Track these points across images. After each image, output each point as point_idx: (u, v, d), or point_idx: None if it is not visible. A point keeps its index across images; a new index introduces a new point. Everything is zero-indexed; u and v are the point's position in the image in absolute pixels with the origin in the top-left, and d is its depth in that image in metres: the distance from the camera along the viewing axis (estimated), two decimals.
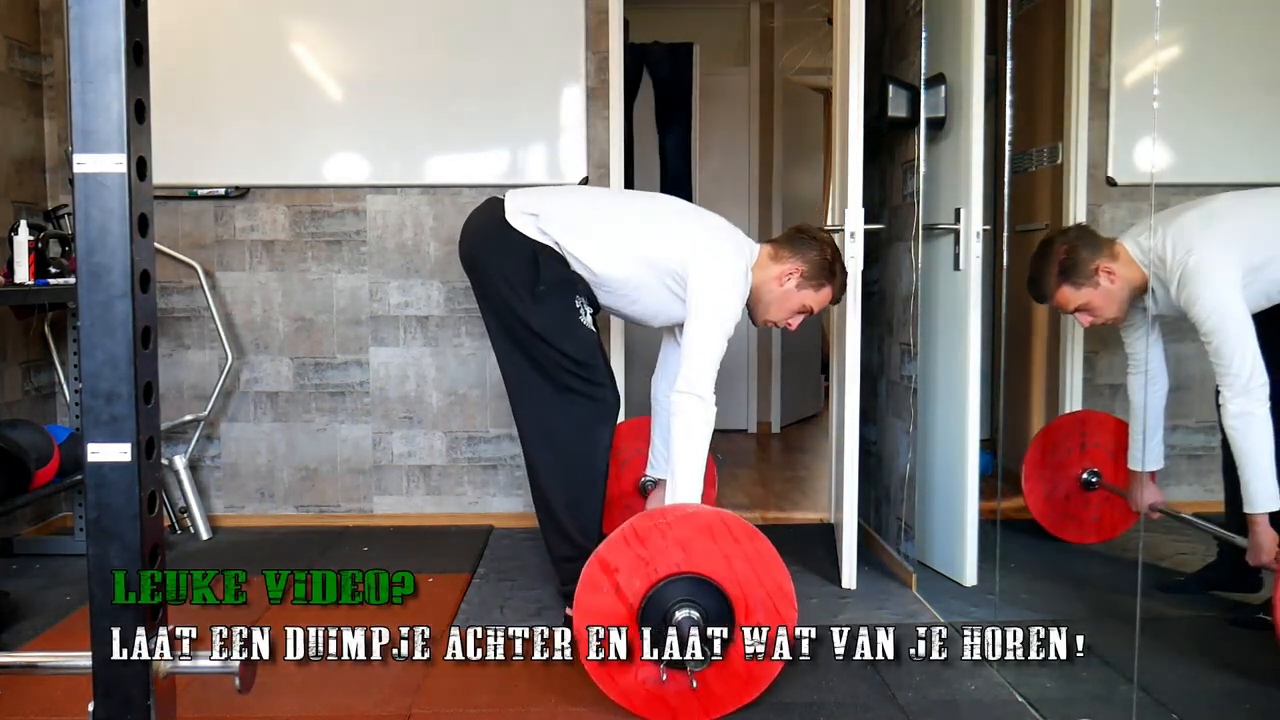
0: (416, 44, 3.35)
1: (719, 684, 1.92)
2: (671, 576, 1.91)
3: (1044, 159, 3.67)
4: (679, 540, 1.92)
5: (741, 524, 1.95)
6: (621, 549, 1.92)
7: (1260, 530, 2.27)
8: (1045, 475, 3.12)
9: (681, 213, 2.49)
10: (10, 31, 3.22)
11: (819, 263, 2.41)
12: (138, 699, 1.09)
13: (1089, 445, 3.08)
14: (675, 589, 1.91)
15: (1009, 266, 2.79)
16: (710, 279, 2.29)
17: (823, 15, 5.07)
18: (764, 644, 1.65)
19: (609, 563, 1.92)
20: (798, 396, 5.77)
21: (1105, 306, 2.48)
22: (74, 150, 1.06)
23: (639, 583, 1.92)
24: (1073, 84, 3.42)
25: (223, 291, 3.42)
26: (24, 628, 2.42)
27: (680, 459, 2.19)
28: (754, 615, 1.92)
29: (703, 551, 1.92)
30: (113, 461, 1.06)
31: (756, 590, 1.92)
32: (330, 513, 3.48)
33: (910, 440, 2.85)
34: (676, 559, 1.92)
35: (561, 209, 2.40)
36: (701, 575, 1.91)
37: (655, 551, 1.91)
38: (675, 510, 1.96)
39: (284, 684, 2.03)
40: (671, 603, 1.90)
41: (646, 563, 1.91)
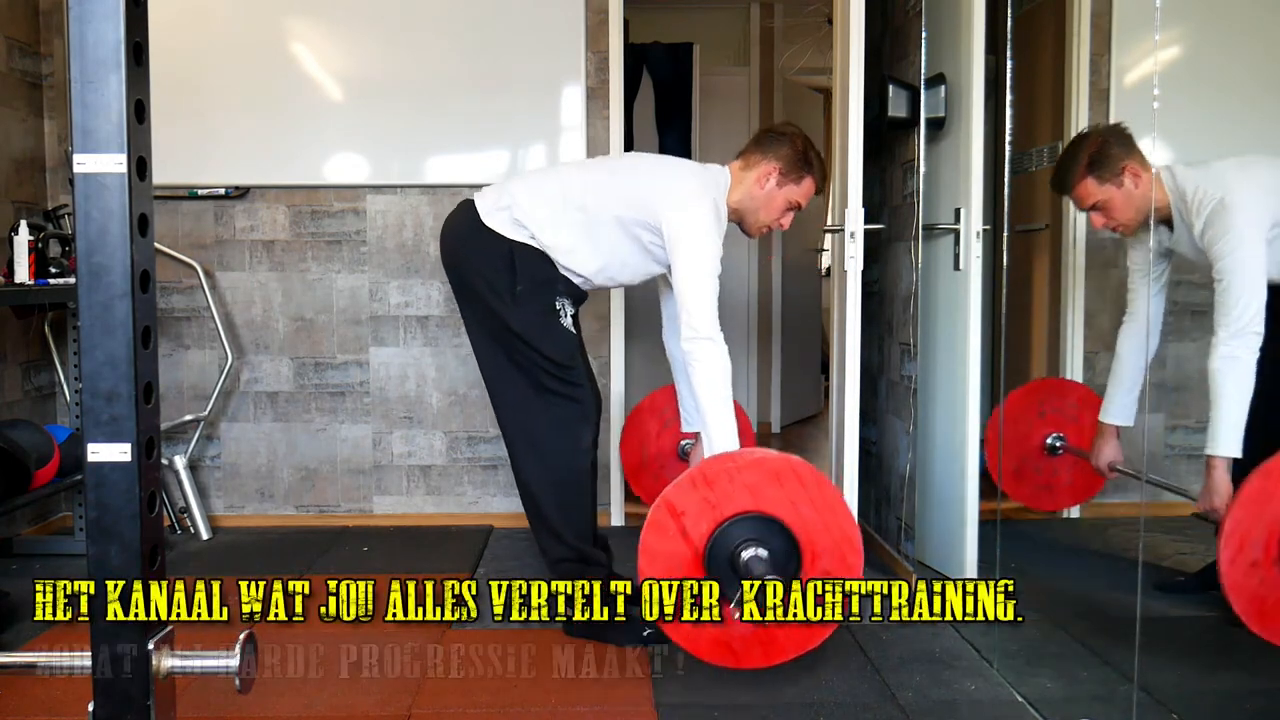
0: (416, 44, 3.35)
1: (781, 629, 1.89)
2: (738, 516, 1.88)
3: (1044, 159, 3.67)
4: (747, 485, 1.89)
5: (811, 470, 1.93)
6: (689, 492, 1.90)
7: (1217, 475, 2.25)
8: (1009, 451, 3.09)
9: (645, 168, 2.46)
10: (10, 31, 3.22)
11: (792, 156, 2.39)
12: (138, 699, 1.09)
13: (1048, 412, 3.05)
14: (742, 528, 1.89)
15: (1009, 266, 2.79)
16: (681, 224, 2.27)
17: (823, 15, 5.08)
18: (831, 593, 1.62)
19: (676, 506, 1.89)
20: (798, 396, 5.77)
21: (1122, 209, 2.42)
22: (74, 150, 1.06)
23: (705, 525, 1.89)
24: (1073, 84, 3.42)
25: (223, 291, 3.42)
26: (24, 628, 2.42)
27: (708, 407, 2.18)
28: (820, 561, 1.89)
29: (770, 496, 1.90)
30: (113, 461, 1.06)
31: (823, 536, 1.90)
32: (330, 513, 3.48)
33: (910, 440, 2.85)
34: (744, 502, 1.89)
35: (530, 199, 2.36)
36: (768, 514, 1.89)
37: (722, 495, 1.89)
38: (745, 455, 1.95)
39: (284, 684, 2.03)
40: (738, 542, 1.88)
41: (714, 506, 1.89)
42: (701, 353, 2.19)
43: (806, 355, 5.88)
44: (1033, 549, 3.10)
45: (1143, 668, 1.97)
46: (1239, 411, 2.22)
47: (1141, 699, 1.96)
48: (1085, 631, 2.39)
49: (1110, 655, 2.23)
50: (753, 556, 1.86)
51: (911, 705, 2.00)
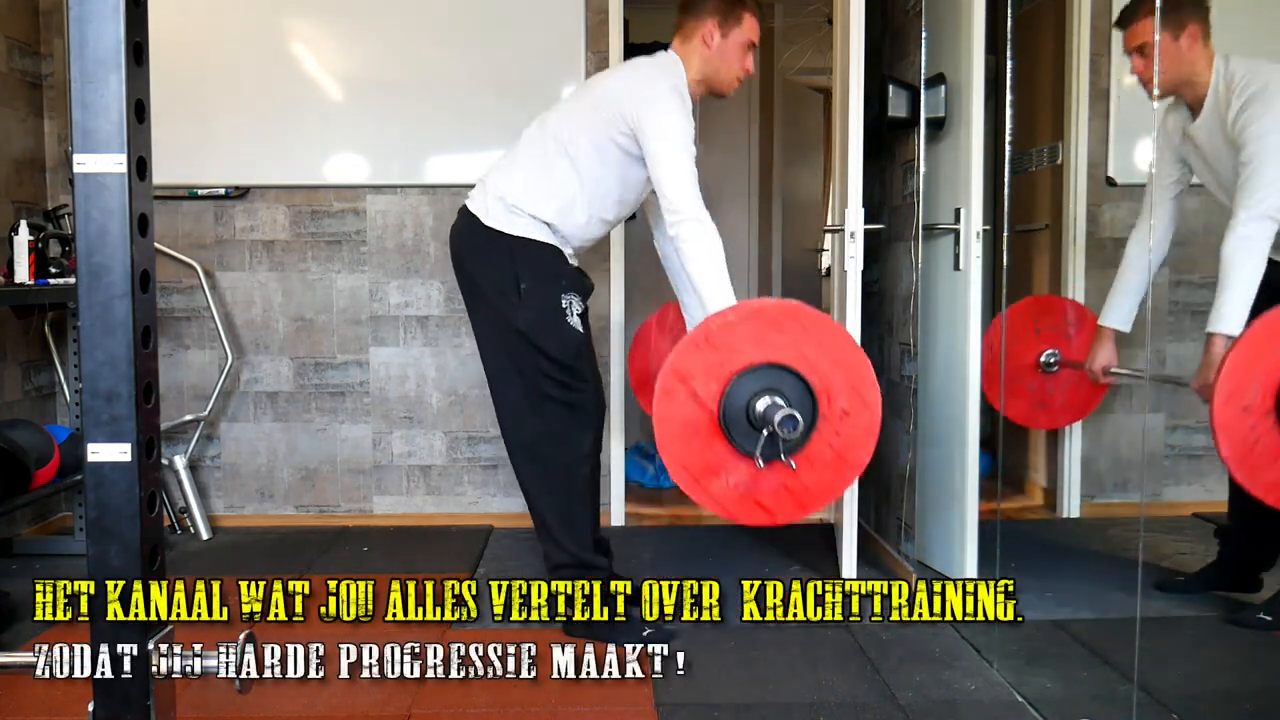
0: (417, 44, 3.35)
1: (809, 475, 1.87)
2: (745, 369, 1.86)
3: (1044, 159, 3.67)
4: (749, 336, 1.86)
5: (811, 312, 1.89)
6: (693, 355, 1.87)
7: (1215, 351, 2.22)
8: (1005, 370, 3.06)
9: (598, 81, 2.46)
10: (10, 31, 3.22)
11: (720, 5, 2.40)
12: (138, 699, 1.09)
13: (1043, 329, 3.02)
14: (752, 381, 1.86)
15: (1009, 266, 2.78)
16: (646, 111, 2.24)
17: (823, 15, 5.08)
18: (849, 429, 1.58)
19: (682, 371, 1.86)
20: None
21: (1167, 61, 2.36)
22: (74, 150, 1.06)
23: (715, 385, 1.86)
24: (1073, 84, 3.42)
25: (223, 291, 3.42)
26: (24, 628, 2.42)
27: (702, 280, 2.12)
28: (837, 400, 1.86)
29: (775, 344, 1.86)
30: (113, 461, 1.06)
31: (836, 375, 1.87)
32: (330, 513, 3.47)
33: (910, 440, 2.85)
34: (749, 355, 1.85)
35: (508, 176, 2.36)
36: (777, 363, 1.86)
37: (726, 352, 1.86)
38: (741, 307, 1.91)
39: (284, 684, 2.03)
40: (751, 395, 1.85)
41: (719, 364, 1.85)
42: (689, 233, 2.14)
43: None
44: (1033, 549, 3.10)
45: (1143, 668, 1.97)
46: (1248, 291, 2.20)
47: (1141, 699, 1.96)
48: (1085, 631, 2.39)
49: (1110, 655, 2.23)
50: (769, 405, 1.82)
51: (911, 705, 2.00)
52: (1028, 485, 3.80)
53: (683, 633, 2.35)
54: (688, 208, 2.15)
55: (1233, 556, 2.62)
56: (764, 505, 1.87)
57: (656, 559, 3.03)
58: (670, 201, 2.17)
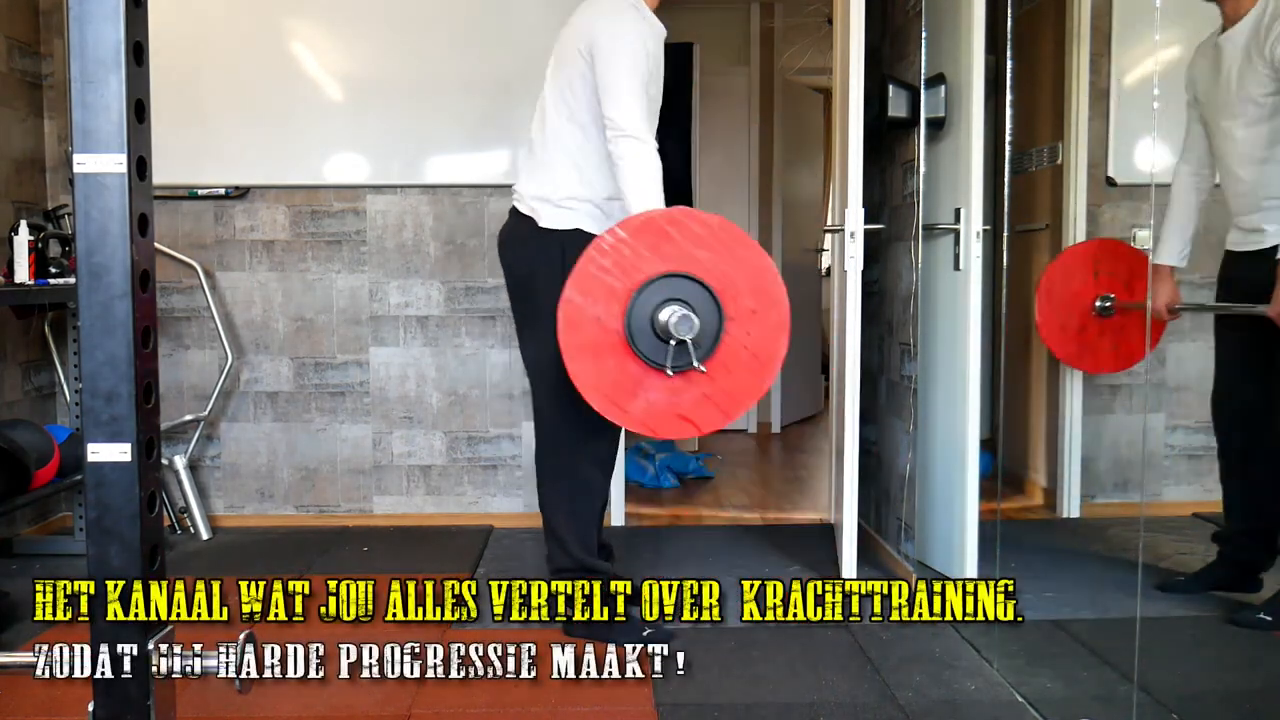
0: (417, 44, 3.35)
1: (727, 380, 1.86)
2: (644, 283, 1.84)
3: (1044, 159, 3.67)
4: (642, 250, 1.84)
5: (698, 215, 1.87)
6: (588, 278, 1.85)
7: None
8: (1059, 307, 3.06)
9: (565, 33, 2.37)
10: (10, 31, 3.22)
11: None
12: (138, 699, 1.09)
13: (1102, 274, 3.00)
14: (653, 294, 1.85)
15: (1009, 266, 2.78)
16: (602, 31, 2.19)
17: (823, 15, 5.08)
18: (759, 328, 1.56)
19: (581, 297, 1.84)
20: (798, 396, 5.77)
21: None
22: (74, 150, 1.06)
23: (616, 304, 1.84)
24: (1073, 84, 3.42)
25: (223, 291, 3.42)
26: (24, 628, 2.42)
27: (635, 195, 2.06)
28: (742, 300, 1.84)
29: (670, 255, 1.84)
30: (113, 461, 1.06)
31: (737, 276, 1.85)
32: (330, 513, 3.48)
33: (910, 440, 2.85)
34: (646, 269, 1.84)
35: (538, 174, 2.33)
36: (674, 272, 1.84)
37: (622, 270, 1.84)
38: (628, 223, 1.88)
39: (284, 684, 2.03)
40: (654, 308, 1.84)
41: (617, 283, 1.84)
42: (626, 149, 2.09)
43: (806, 355, 5.88)
44: (1033, 549, 3.10)
45: (1143, 668, 1.97)
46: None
47: (1141, 699, 1.96)
48: (1085, 631, 2.39)
49: (1110, 655, 2.23)
50: (674, 316, 1.81)
51: (911, 705, 2.00)
52: (1028, 485, 3.80)
53: (682, 633, 2.35)
54: (628, 124, 2.10)
55: (1232, 557, 2.62)
56: (687, 418, 1.86)
57: (656, 559, 3.03)
58: (613, 116, 2.12)
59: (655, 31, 2.29)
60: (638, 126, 2.11)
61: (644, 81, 2.18)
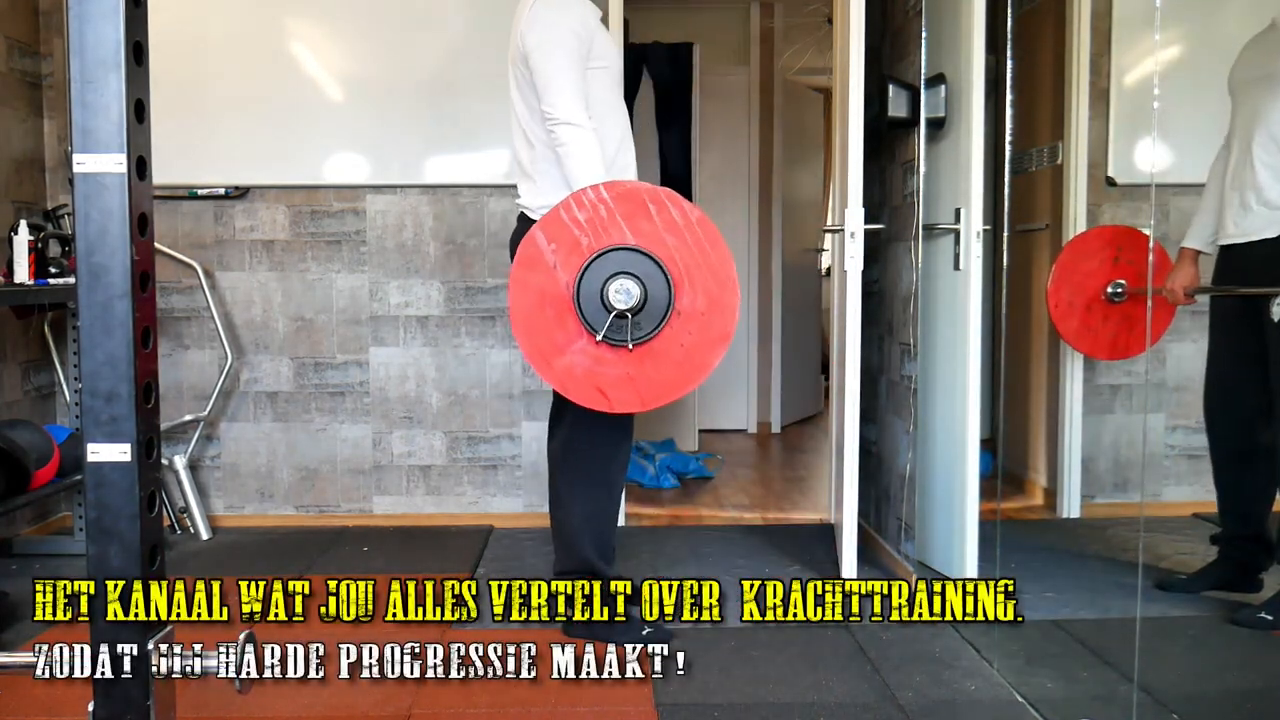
0: (417, 44, 3.35)
1: (654, 369, 1.87)
2: (609, 249, 1.86)
3: (1044, 159, 3.67)
4: (619, 215, 1.86)
5: (687, 205, 1.89)
6: (559, 225, 1.86)
7: None
8: (1071, 281, 3.06)
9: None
10: (10, 31, 3.22)
11: None
12: (138, 699, 1.09)
13: (1122, 260, 3.00)
14: (613, 263, 1.86)
15: (1009, 266, 2.78)
16: (529, 33, 2.19)
17: (823, 15, 5.08)
18: (701, 331, 1.57)
19: (546, 239, 1.86)
20: (798, 396, 5.77)
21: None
22: (74, 150, 1.06)
23: (576, 258, 1.85)
24: (1073, 84, 3.42)
25: (223, 291, 3.42)
26: (24, 628, 2.42)
27: (579, 175, 2.07)
28: (696, 298, 1.86)
29: (643, 230, 1.86)
30: (113, 461, 1.06)
31: (698, 273, 1.87)
32: (330, 513, 3.47)
33: (910, 440, 2.85)
34: (615, 236, 1.85)
35: (526, 186, 2.33)
36: (639, 248, 1.85)
37: (593, 228, 1.86)
38: (616, 185, 1.90)
39: (284, 684, 2.03)
40: (608, 276, 1.85)
41: (584, 240, 1.86)
42: (565, 136, 2.10)
43: (806, 355, 5.88)
44: (1033, 549, 3.10)
45: (1143, 668, 1.97)
46: None
47: (1141, 699, 1.96)
48: (1085, 631, 2.39)
49: (1110, 655, 2.23)
50: (620, 287, 1.82)
51: (911, 705, 2.00)
52: (1028, 485, 3.81)
53: (682, 633, 2.35)
54: (564, 111, 2.11)
55: (1232, 557, 2.62)
56: (604, 391, 1.87)
57: (656, 559, 3.03)
58: (548, 113, 2.13)
59: (581, 7, 2.26)
60: (571, 111, 2.11)
61: (577, 63, 2.16)
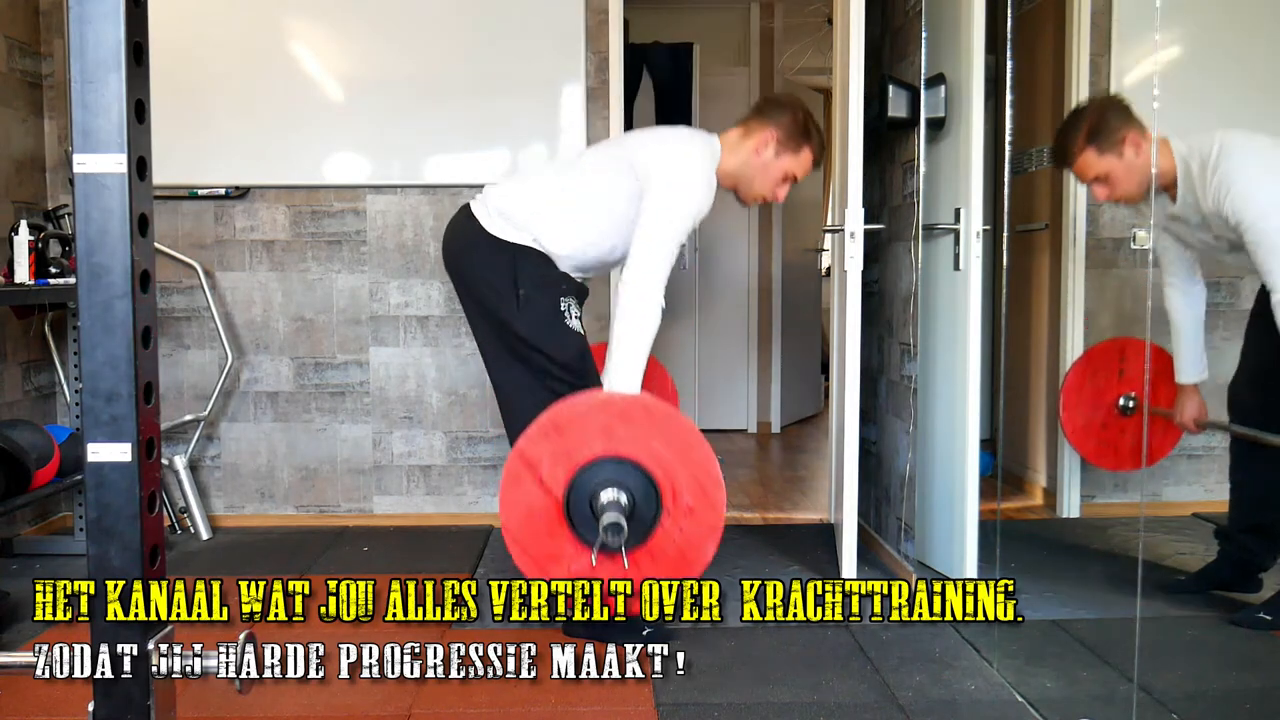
0: (416, 44, 3.35)
1: (651, 568, 1.91)
2: (593, 461, 1.89)
3: (1044, 159, 3.67)
4: (599, 427, 1.89)
5: (661, 406, 1.93)
6: (540, 442, 1.90)
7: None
8: (1083, 402, 3.10)
9: (639, 134, 2.46)
10: (10, 31, 3.22)
11: (792, 125, 2.37)
12: (138, 699, 1.09)
13: (1127, 372, 3.04)
14: (598, 472, 1.89)
15: (1009, 266, 2.78)
16: (670, 179, 2.24)
17: (823, 15, 5.08)
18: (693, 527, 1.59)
19: (530, 457, 1.89)
20: (798, 396, 5.77)
21: (1125, 180, 2.39)
22: (74, 150, 1.06)
23: (561, 473, 1.89)
24: (1073, 84, 3.42)
25: (223, 291, 3.42)
26: (24, 628, 2.42)
27: (619, 354, 2.13)
28: (681, 496, 1.89)
29: (624, 437, 1.89)
30: (113, 461, 1.06)
31: (681, 471, 1.90)
32: (330, 513, 3.48)
33: (910, 440, 2.85)
34: (597, 446, 1.89)
35: (524, 195, 2.37)
36: (623, 457, 1.88)
37: (575, 441, 1.89)
38: (590, 398, 1.94)
39: (284, 684, 2.03)
40: (595, 486, 1.88)
41: (568, 453, 1.89)
42: (634, 306, 2.15)
43: (806, 355, 5.88)
44: (1033, 549, 3.10)
45: (1143, 668, 1.97)
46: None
47: (1141, 699, 1.96)
48: (1085, 631, 2.39)
49: (1110, 655, 2.23)
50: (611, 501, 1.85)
51: (911, 705, 2.00)
52: (1028, 485, 3.81)
53: (682, 633, 2.35)
54: (646, 284, 2.17)
55: (1233, 556, 2.62)
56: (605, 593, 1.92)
57: None
58: (638, 265, 2.18)
59: (711, 193, 2.33)
60: (655, 284, 2.17)
61: (680, 240, 2.23)
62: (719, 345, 5.42)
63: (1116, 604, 2.59)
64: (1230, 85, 3.41)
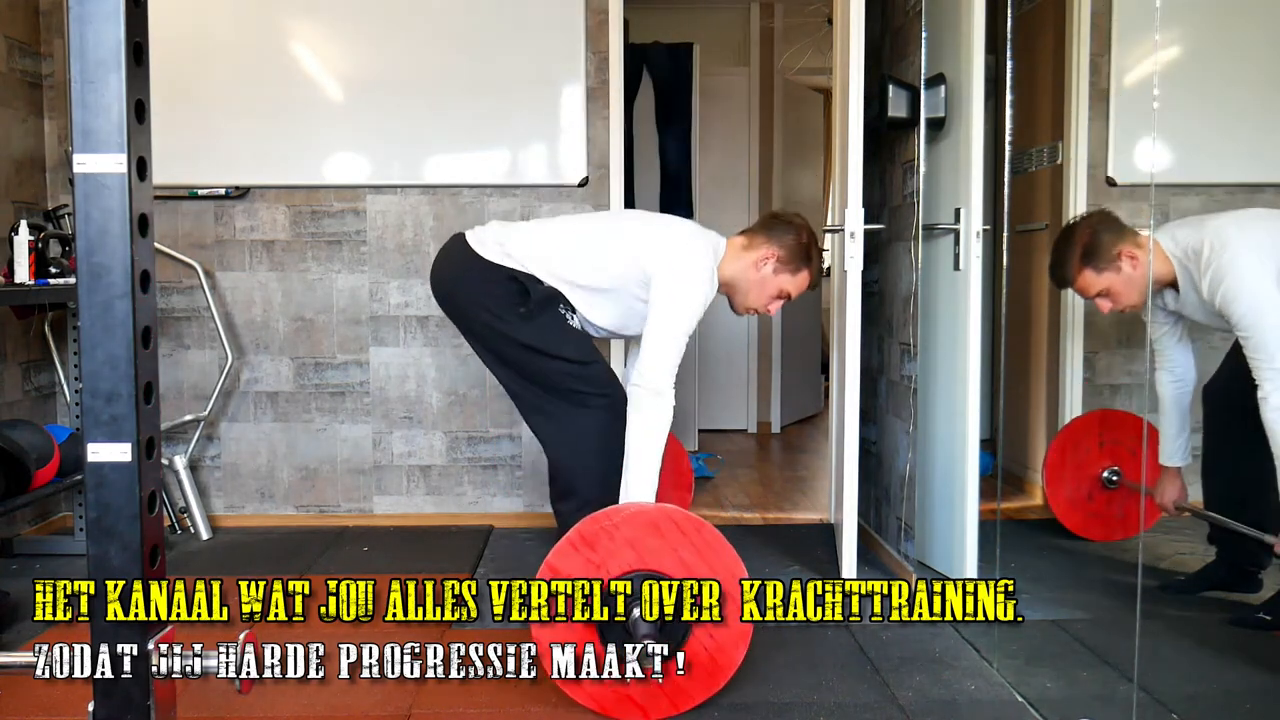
0: (416, 44, 3.35)
1: (684, 678, 1.93)
2: (621, 575, 1.91)
3: (1044, 159, 3.67)
4: (627, 540, 1.92)
5: (688, 517, 1.94)
6: (570, 555, 1.92)
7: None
8: (1066, 476, 3.13)
9: (646, 220, 2.49)
10: (10, 31, 3.22)
11: (795, 247, 2.41)
12: (138, 699, 1.09)
13: (1107, 443, 3.09)
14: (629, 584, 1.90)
15: (1009, 266, 2.78)
16: (674, 274, 2.27)
17: (823, 15, 5.08)
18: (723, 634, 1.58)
19: (560, 570, 1.92)
20: (798, 396, 5.77)
21: (1126, 292, 2.45)
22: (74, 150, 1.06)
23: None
24: (1073, 84, 3.42)
25: (223, 291, 3.42)
26: (24, 628, 2.42)
27: (635, 456, 2.17)
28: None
29: (652, 549, 1.92)
30: (113, 461, 1.06)
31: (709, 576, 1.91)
32: (330, 513, 3.48)
33: (910, 440, 2.85)
34: (627, 559, 1.92)
35: (527, 241, 2.39)
36: (653, 571, 1.91)
37: (605, 554, 1.92)
38: (620, 511, 1.96)
39: (284, 684, 2.03)
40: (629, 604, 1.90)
41: (597, 566, 1.91)
42: (648, 402, 2.18)
43: (806, 355, 5.88)
44: (1033, 549, 3.09)
45: (1143, 668, 1.97)
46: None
47: (1141, 699, 1.96)
48: (1085, 631, 2.39)
49: (1110, 655, 2.23)
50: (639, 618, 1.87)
51: (911, 705, 2.00)
52: (1028, 485, 3.80)
53: None
54: (659, 380, 2.19)
55: (1230, 557, 2.62)
56: (638, 703, 1.95)
57: None
58: (648, 365, 2.20)
59: (713, 292, 2.37)
60: (664, 384, 2.20)
61: (688, 335, 2.26)
62: (719, 345, 5.42)
63: (1116, 604, 2.59)
64: (1230, 85, 3.41)
